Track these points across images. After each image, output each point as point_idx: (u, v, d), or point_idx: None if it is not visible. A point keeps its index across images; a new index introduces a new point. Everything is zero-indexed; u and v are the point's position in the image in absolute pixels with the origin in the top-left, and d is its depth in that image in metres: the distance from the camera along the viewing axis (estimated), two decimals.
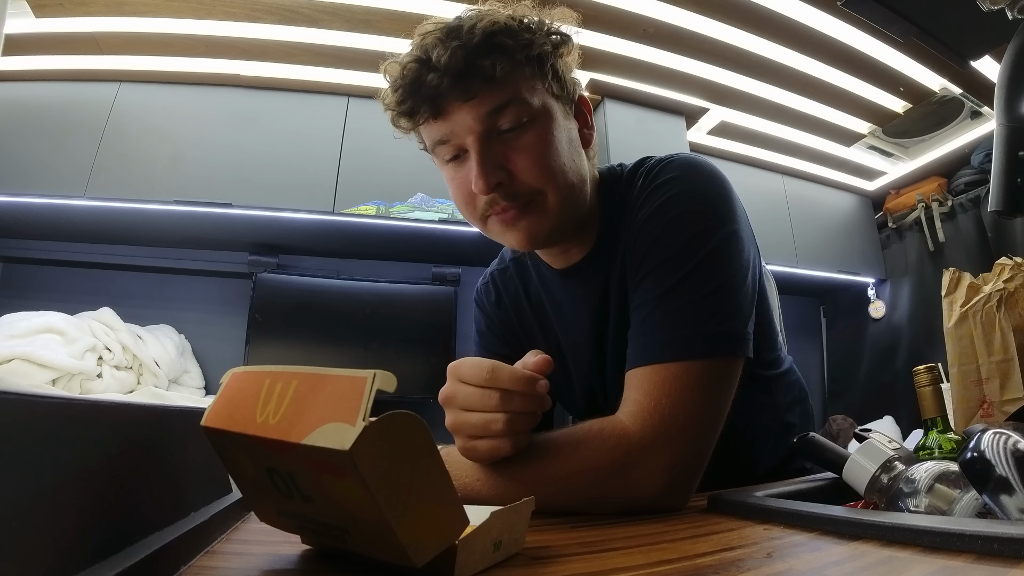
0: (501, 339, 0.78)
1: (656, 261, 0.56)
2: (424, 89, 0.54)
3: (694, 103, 2.14)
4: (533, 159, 0.56)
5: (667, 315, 0.54)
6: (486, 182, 0.55)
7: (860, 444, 0.47)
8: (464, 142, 0.56)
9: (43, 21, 1.64)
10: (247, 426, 0.27)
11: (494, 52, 0.53)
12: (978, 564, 0.27)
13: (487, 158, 0.55)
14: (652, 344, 0.53)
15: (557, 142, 0.58)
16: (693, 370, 0.50)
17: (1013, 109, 0.62)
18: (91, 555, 0.23)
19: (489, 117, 0.55)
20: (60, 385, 1.46)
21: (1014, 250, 2.08)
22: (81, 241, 1.99)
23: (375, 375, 0.25)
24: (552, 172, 0.57)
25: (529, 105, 0.56)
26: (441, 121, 0.56)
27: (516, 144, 0.56)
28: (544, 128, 0.57)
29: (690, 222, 0.57)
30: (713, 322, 0.53)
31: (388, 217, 1.85)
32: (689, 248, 0.55)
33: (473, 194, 0.57)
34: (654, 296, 0.55)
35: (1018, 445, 0.34)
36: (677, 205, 0.58)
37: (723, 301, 0.54)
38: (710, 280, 0.54)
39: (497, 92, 0.54)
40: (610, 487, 0.48)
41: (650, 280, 0.56)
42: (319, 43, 1.77)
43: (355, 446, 0.23)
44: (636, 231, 0.59)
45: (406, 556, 0.27)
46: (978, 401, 0.92)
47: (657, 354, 0.52)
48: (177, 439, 0.35)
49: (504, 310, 0.78)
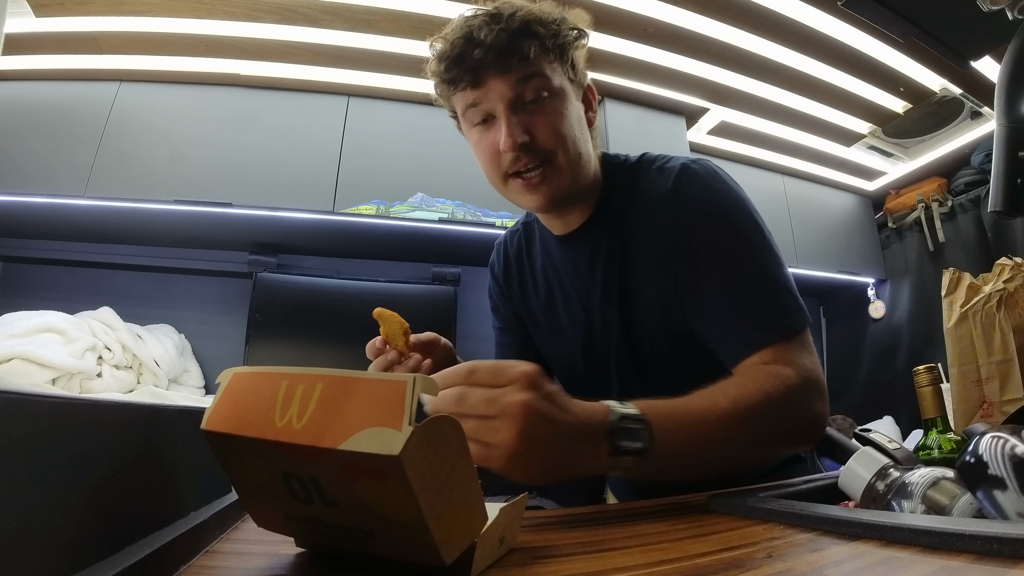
0: (504, 306, 0.91)
1: (726, 258, 0.65)
2: (468, 62, 0.64)
3: (694, 103, 2.14)
4: (550, 126, 0.67)
5: (758, 302, 0.63)
6: (513, 140, 0.65)
7: (855, 452, 0.47)
8: (494, 108, 0.67)
9: (43, 21, 1.64)
10: (264, 431, 0.26)
11: (530, 36, 0.65)
12: (978, 564, 0.27)
13: (514, 121, 0.66)
14: (762, 326, 0.62)
15: (569, 116, 0.68)
16: (804, 335, 0.63)
17: (1013, 109, 0.62)
18: (91, 555, 0.23)
19: (518, 86, 0.65)
20: (60, 385, 1.46)
21: (1014, 250, 2.08)
22: (81, 241, 1.99)
23: (416, 379, 0.25)
24: (564, 138, 0.67)
25: (550, 82, 0.67)
26: (478, 89, 0.66)
27: (537, 112, 0.67)
28: (560, 103, 0.68)
29: (743, 226, 0.67)
30: (791, 301, 0.64)
31: (388, 217, 1.86)
32: (752, 247, 0.66)
33: (498, 153, 0.67)
34: (736, 285, 0.64)
35: (1016, 449, 0.34)
36: (725, 212, 0.68)
37: (791, 285, 0.66)
38: (775, 268, 0.65)
39: (527, 68, 0.65)
40: (793, 413, 0.57)
41: (726, 272, 0.65)
42: (319, 43, 1.77)
43: (404, 451, 0.23)
44: (687, 231, 0.67)
45: (436, 555, 0.27)
46: (978, 401, 0.92)
47: (774, 332, 0.62)
48: (177, 439, 0.34)
49: (510, 270, 0.89)
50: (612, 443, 0.45)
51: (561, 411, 0.43)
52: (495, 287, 0.93)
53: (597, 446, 0.45)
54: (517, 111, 0.66)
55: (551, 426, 0.42)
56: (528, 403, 0.41)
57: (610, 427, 0.45)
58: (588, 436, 0.44)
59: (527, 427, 0.40)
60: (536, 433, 0.40)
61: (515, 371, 0.42)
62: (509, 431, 0.40)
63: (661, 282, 0.69)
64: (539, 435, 0.41)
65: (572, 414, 0.44)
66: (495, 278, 0.93)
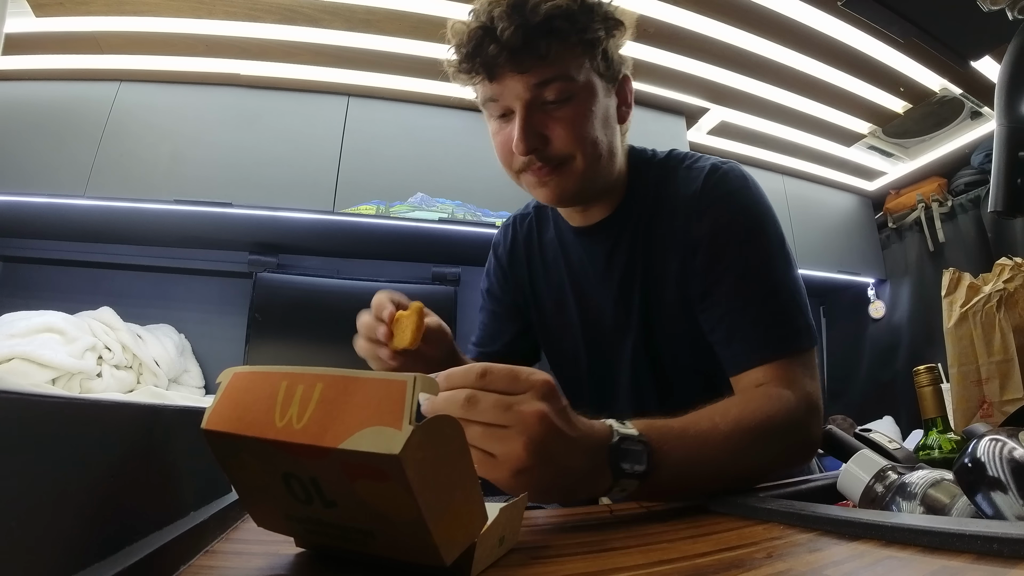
0: (503, 289, 0.88)
1: (744, 266, 0.64)
2: (483, 56, 0.60)
3: (694, 103, 2.14)
4: (568, 129, 0.63)
5: (770, 314, 0.62)
6: (526, 145, 0.62)
7: (854, 454, 0.47)
8: (512, 105, 0.63)
9: (43, 20, 1.63)
10: (264, 430, 0.26)
11: (551, 34, 0.59)
12: (978, 564, 0.27)
13: (529, 124, 0.62)
14: (769, 340, 0.61)
15: (593, 116, 0.64)
16: (809, 354, 0.63)
17: (1013, 109, 0.62)
18: (91, 555, 0.23)
19: (537, 88, 0.61)
20: (60, 384, 1.46)
21: (1014, 250, 2.08)
22: (81, 241, 1.99)
23: (416, 378, 0.25)
24: (583, 142, 0.64)
25: (574, 82, 0.62)
26: (495, 84, 0.63)
27: (556, 115, 0.63)
28: (584, 103, 0.63)
29: (766, 237, 0.66)
30: (802, 318, 0.63)
31: (388, 217, 1.85)
32: (770, 258, 0.65)
33: (512, 151, 0.64)
34: (750, 295, 0.63)
35: (1014, 452, 0.33)
36: (749, 219, 0.66)
37: (803, 300, 0.65)
38: (792, 283, 0.65)
39: (547, 68, 0.61)
40: (791, 437, 0.56)
41: (741, 280, 0.64)
42: (319, 43, 1.77)
43: (404, 450, 0.23)
44: (708, 238, 0.66)
45: (436, 555, 0.27)
46: (978, 401, 0.92)
47: (780, 347, 0.61)
48: (177, 438, 0.34)
49: (516, 253, 0.86)
50: (615, 465, 0.43)
51: (571, 427, 0.41)
52: (496, 269, 0.89)
53: (601, 468, 0.43)
54: (535, 111, 0.62)
55: (562, 442, 0.39)
56: (545, 415, 0.38)
57: (612, 449, 0.43)
58: (592, 456, 0.42)
59: (539, 440, 0.38)
60: (547, 448, 0.38)
61: (533, 378, 0.40)
62: (519, 443, 0.37)
63: (684, 285, 0.68)
64: (550, 451, 0.38)
65: (579, 431, 0.42)
66: (498, 259, 0.89)
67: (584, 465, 0.42)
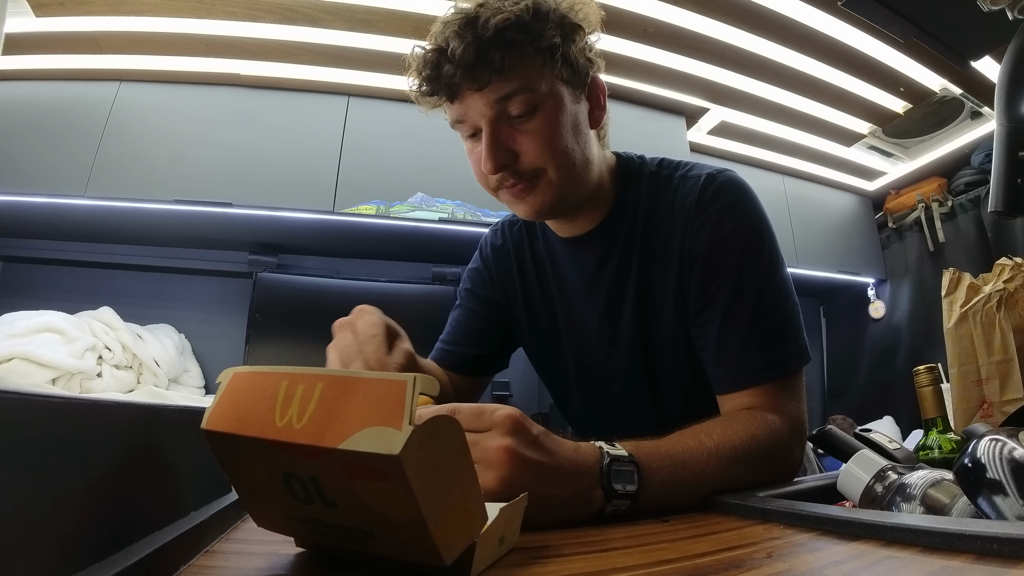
0: (486, 290, 0.85)
1: (739, 284, 0.64)
2: (441, 78, 0.60)
3: (694, 103, 2.14)
4: (536, 142, 0.61)
5: (760, 338, 0.62)
6: (494, 163, 0.61)
7: (854, 454, 0.47)
8: (478, 124, 0.62)
9: (43, 20, 1.64)
10: (264, 430, 0.26)
11: (504, 46, 0.57)
12: (978, 564, 0.27)
13: (495, 141, 0.61)
14: (758, 365, 0.62)
15: (561, 126, 0.62)
16: (797, 377, 0.63)
17: (1013, 109, 0.62)
18: (91, 555, 0.23)
19: (499, 103, 0.60)
20: (60, 384, 1.46)
21: (1014, 250, 2.08)
22: (81, 240, 1.99)
23: (416, 378, 0.25)
24: (554, 153, 0.62)
25: (537, 93, 0.61)
26: (458, 104, 0.62)
27: (523, 128, 0.61)
28: (550, 113, 0.62)
29: (762, 254, 0.65)
30: (792, 342, 0.63)
31: (388, 217, 1.85)
32: (765, 276, 0.64)
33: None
34: (742, 315, 0.63)
35: (1014, 452, 0.33)
36: (747, 234, 0.66)
37: (796, 320, 0.65)
38: (785, 302, 0.65)
39: (506, 82, 0.59)
40: (776, 460, 0.57)
41: (735, 298, 0.63)
42: (319, 43, 1.77)
43: (404, 450, 0.23)
44: (705, 252, 0.65)
45: (436, 555, 0.27)
46: (978, 401, 0.92)
47: (768, 373, 0.61)
48: (177, 438, 0.34)
49: (506, 259, 0.84)
50: (607, 486, 0.44)
51: (547, 455, 0.41)
52: (483, 270, 0.86)
53: (590, 490, 0.43)
54: (500, 127, 0.61)
55: (537, 472, 0.40)
56: (510, 448, 0.39)
57: (604, 471, 0.44)
58: (579, 479, 0.43)
59: (509, 474, 0.39)
60: (520, 481, 0.39)
61: (497, 415, 0.41)
62: (490, 478, 0.39)
63: (681, 298, 0.68)
64: (524, 482, 0.39)
65: (561, 456, 0.42)
66: (484, 260, 0.87)
67: (569, 489, 0.42)
